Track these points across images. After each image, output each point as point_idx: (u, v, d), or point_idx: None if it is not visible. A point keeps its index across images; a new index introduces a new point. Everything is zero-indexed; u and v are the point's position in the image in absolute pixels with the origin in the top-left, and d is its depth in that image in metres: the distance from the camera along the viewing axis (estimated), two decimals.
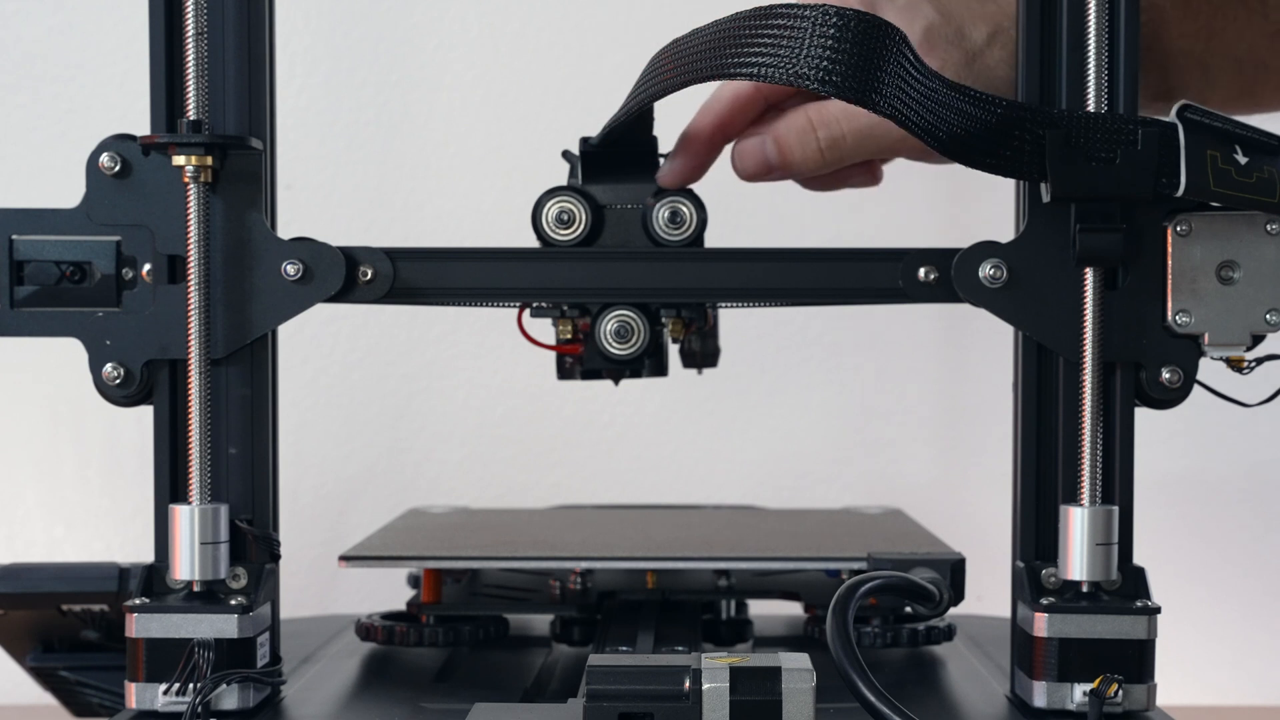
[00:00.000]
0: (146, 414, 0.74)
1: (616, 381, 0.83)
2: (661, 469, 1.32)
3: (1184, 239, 0.72)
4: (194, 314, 0.71)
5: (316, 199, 1.29)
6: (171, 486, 0.73)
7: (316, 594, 1.24)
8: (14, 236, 0.73)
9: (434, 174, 1.31)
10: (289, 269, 0.73)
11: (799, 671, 0.61)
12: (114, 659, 0.82)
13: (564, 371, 0.83)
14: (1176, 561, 1.27)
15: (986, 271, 0.73)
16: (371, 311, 1.25)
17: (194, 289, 0.71)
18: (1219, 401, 0.76)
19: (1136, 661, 0.71)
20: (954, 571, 0.73)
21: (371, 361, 1.31)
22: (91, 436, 1.29)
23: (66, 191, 0.75)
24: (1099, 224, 0.71)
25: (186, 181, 0.71)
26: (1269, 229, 0.72)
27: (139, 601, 0.71)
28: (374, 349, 1.31)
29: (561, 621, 0.88)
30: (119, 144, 0.73)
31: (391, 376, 1.31)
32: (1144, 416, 0.74)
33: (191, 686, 0.69)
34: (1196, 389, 0.73)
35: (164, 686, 0.70)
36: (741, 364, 1.29)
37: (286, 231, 0.74)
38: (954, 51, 0.78)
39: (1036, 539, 0.74)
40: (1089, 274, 0.71)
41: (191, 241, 0.71)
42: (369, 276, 0.74)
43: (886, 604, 0.85)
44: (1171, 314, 0.72)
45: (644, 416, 1.32)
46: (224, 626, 0.70)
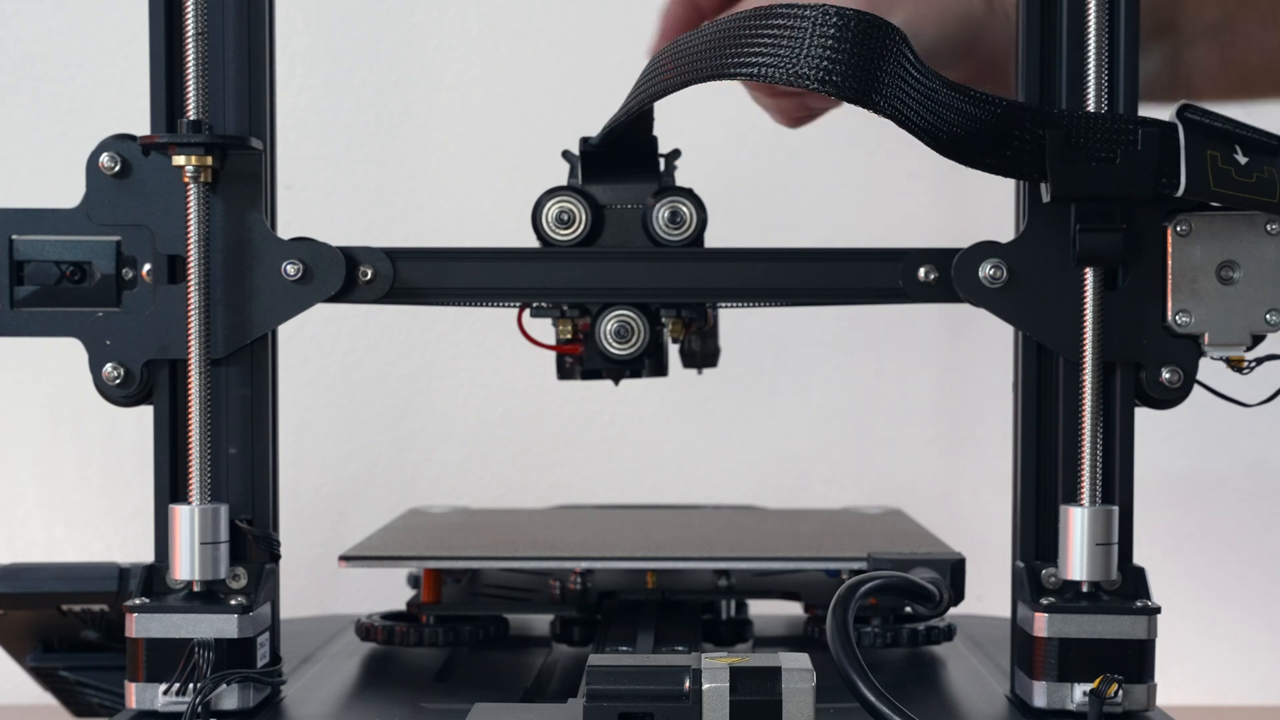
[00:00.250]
0: (146, 414, 0.74)
1: (616, 381, 0.82)
2: (661, 469, 1.32)
3: (1184, 239, 0.72)
4: (194, 314, 0.71)
5: (316, 199, 1.29)
6: (171, 486, 0.73)
7: (316, 594, 1.24)
8: (14, 236, 0.73)
9: (434, 174, 1.31)
10: (289, 269, 0.73)
11: (799, 671, 0.61)
12: (114, 659, 0.81)
13: (564, 371, 0.83)
14: (1176, 561, 1.27)
15: (986, 271, 0.73)
16: (371, 311, 1.25)
17: (194, 289, 0.71)
18: (1219, 401, 0.76)
19: (1136, 661, 0.71)
20: (954, 571, 0.73)
21: (371, 361, 1.31)
22: (91, 436, 1.29)
23: (66, 191, 0.75)
24: (1099, 224, 0.71)
25: (186, 181, 0.71)
26: (1269, 229, 0.72)
27: (139, 601, 0.71)
28: (374, 349, 1.31)
29: (561, 621, 0.88)
30: (119, 144, 0.73)
31: (391, 376, 1.31)
32: (1144, 416, 0.74)
33: (191, 686, 0.69)
34: (1196, 389, 0.73)
35: (164, 686, 0.70)
36: (741, 364, 1.29)
37: (286, 231, 0.74)
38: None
39: (1036, 539, 0.74)
40: (1089, 274, 0.71)
41: (191, 241, 0.71)
42: (369, 276, 0.74)
43: (886, 604, 0.85)
44: (1171, 314, 0.72)
45: (644, 416, 1.32)
46: (224, 626, 0.70)
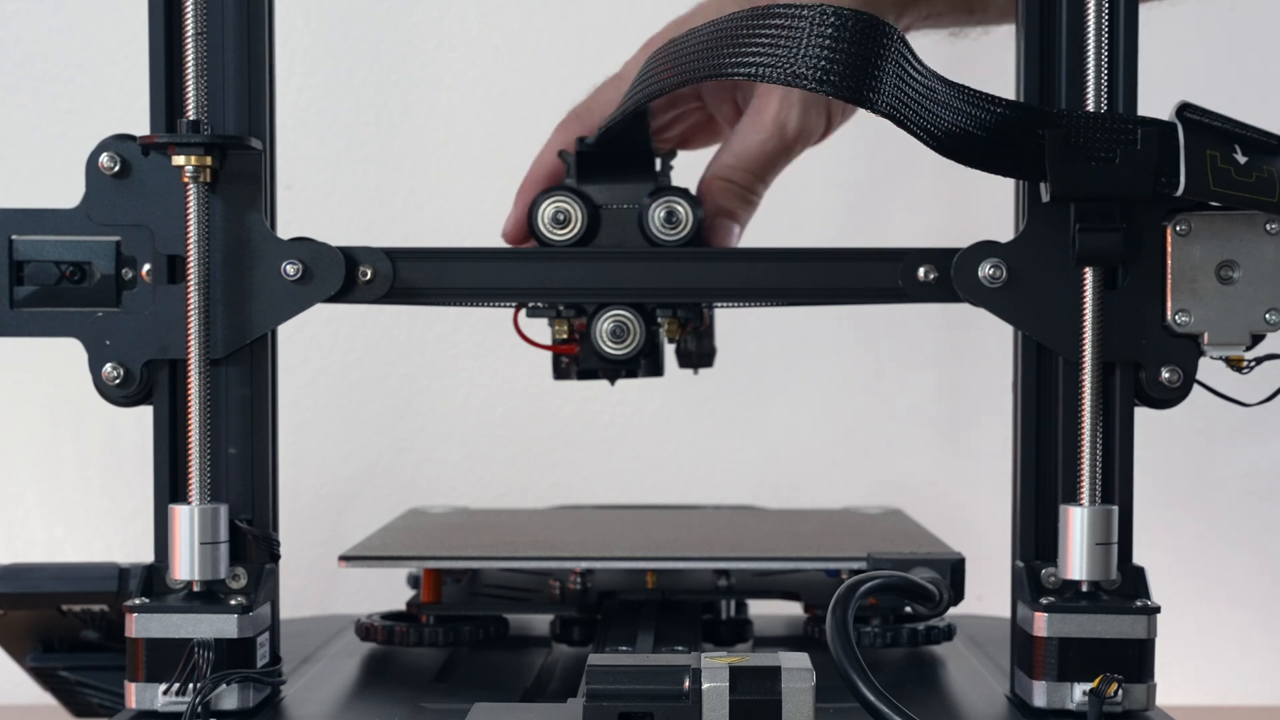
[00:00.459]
0: (146, 414, 0.74)
1: (612, 381, 0.83)
2: (661, 469, 1.32)
3: (1183, 239, 0.72)
4: (194, 314, 0.71)
5: (316, 199, 1.29)
6: (171, 486, 0.73)
7: (316, 594, 1.24)
8: (14, 236, 0.73)
9: (434, 174, 1.31)
10: (289, 269, 0.73)
11: (799, 671, 0.61)
12: (114, 659, 0.81)
13: (560, 371, 0.83)
14: (1176, 561, 1.27)
15: (986, 271, 0.73)
16: (371, 311, 1.25)
17: (194, 289, 0.71)
18: (1219, 401, 0.76)
19: (1136, 661, 0.71)
20: (954, 571, 0.73)
21: (371, 361, 1.31)
22: (91, 436, 1.29)
23: (66, 191, 0.75)
24: (1098, 224, 0.71)
25: (186, 181, 0.71)
26: (1269, 229, 0.72)
27: (139, 601, 0.71)
28: (374, 349, 1.31)
29: (561, 621, 0.88)
30: (119, 144, 0.73)
31: (391, 376, 1.31)
32: (1144, 416, 0.74)
33: (191, 686, 0.69)
34: (1196, 389, 0.73)
35: (164, 686, 0.70)
36: (741, 364, 1.29)
37: (286, 231, 0.74)
38: None
39: (1036, 539, 0.74)
40: (1088, 274, 0.71)
41: (191, 241, 0.71)
42: (369, 276, 0.74)
43: (886, 604, 0.85)
44: (1171, 314, 0.72)
45: (644, 416, 1.32)
46: (224, 626, 0.70)
